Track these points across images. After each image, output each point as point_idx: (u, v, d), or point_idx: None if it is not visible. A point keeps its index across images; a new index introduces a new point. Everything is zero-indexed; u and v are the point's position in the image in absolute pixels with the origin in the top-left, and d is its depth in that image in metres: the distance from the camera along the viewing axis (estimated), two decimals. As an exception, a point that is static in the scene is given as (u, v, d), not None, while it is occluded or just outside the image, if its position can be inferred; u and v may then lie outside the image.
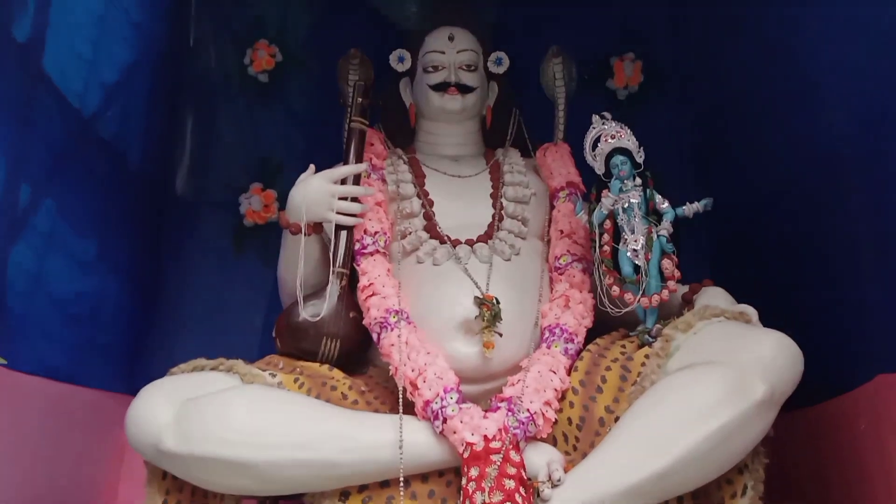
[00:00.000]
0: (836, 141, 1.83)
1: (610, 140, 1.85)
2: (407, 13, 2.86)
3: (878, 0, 1.60)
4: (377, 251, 1.91)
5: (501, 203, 2.05)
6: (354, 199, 1.93)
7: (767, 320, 1.67)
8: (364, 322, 1.81)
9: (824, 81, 1.84)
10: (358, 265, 1.89)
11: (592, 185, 1.91)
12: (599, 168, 1.86)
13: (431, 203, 2.04)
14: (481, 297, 1.74)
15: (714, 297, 1.79)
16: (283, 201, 2.50)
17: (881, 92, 1.63)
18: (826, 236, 1.90)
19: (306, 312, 1.79)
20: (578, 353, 1.75)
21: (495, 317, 1.71)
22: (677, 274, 1.73)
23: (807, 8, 1.89)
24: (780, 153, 2.10)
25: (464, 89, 2.21)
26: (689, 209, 1.79)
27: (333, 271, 1.85)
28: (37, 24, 1.91)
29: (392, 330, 1.73)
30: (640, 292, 1.72)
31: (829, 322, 1.87)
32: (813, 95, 1.90)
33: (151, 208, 2.63)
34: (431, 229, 1.98)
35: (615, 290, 1.74)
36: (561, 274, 1.92)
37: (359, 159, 2.00)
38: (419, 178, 2.10)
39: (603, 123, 1.89)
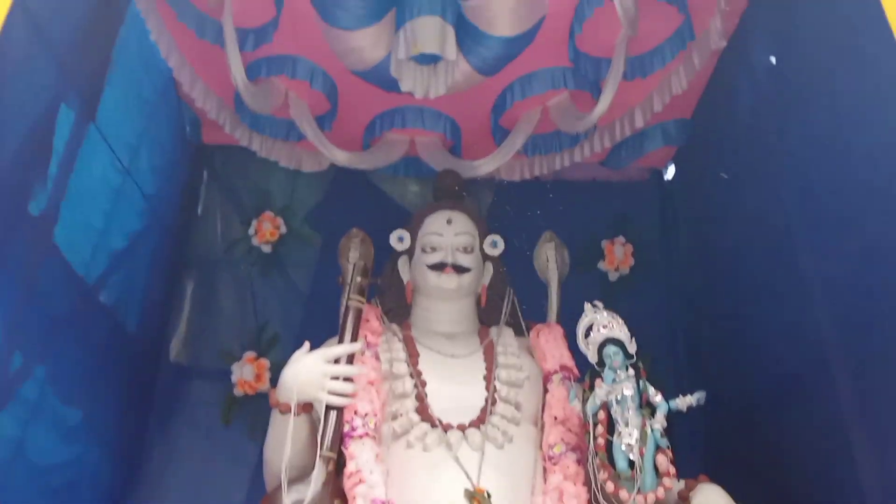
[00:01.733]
0: (826, 336, 1.84)
1: (602, 330, 1.86)
2: (409, 193, 2.98)
3: (863, 207, 1.66)
4: (366, 434, 1.86)
5: (495, 386, 2.02)
6: (347, 379, 1.90)
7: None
8: (349, 512, 1.73)
9: (812, 281, 1.88)
10: (346, 449, 1.83)
11: (586, 370, 1.90)
12: (592, 357, 1.86)
13: (424, 384, 2.01)
14: (472, 490, 1.68)
15: (710, 495, 1.73)
16: (275, 371, 2.48)
17: (868, 294, 1.66)
18: (822, 433, 1.86)
19: (290, 499, 1.71)
20: (572, 552, 1.66)
21: (486, 512, 1.63)
22: (672, 470, 1.69)
23: (795, 211, 1.96)
24: (771, 345, 2.11)
25: (460, 270, 2.25)
26: (683, 402, 1.77)
27: (320, 455, 1.78)
28: (53, 198, 1.97)
29: (378, 523, 1.65)
30: (636, 489, 1.66)
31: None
32: (801, 291, 1.93)
33: (143, 374, 2.59)
34: (423, 411, 1.94)
35: (610, 486, 1.68)
36: (555, 464, 1.86)
37: (354, 338, 1.99)
38: (413, 357, 2.08)
39: (595, 312, 1.92)
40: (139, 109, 2.42)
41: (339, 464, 1.83)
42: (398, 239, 2.36)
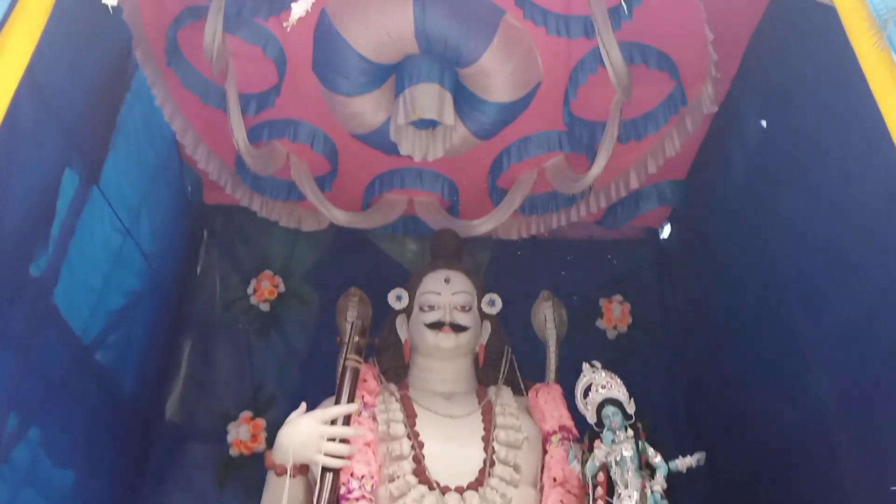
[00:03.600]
0: (825, 398, 1.84)
1: (601, 390, 1.87)
2: (407, 252, 3.01)
3: (859, 269, 1.68)
4: (363, 496, 1.84)
5: (493, 447, 2.01)
6: (343, 440, 1.89)
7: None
8: (344, 579, 1.70)
9: (811, 342, 1.89)
10: (342, 512, 1.81)
11: (585, 432, 1.90)
12: (591, 418, 1.86)
13: (421, 445, 2.00)
14: (470, 554, 1.66)
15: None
16: (271, 432, 2.46)
17: (867, 356, 1.67)
18: (823, 496, 1.85)
19: (285, 563, 1.69)
20: None
21: (485, 578, 1.61)
22: (673, 531, 1.67)
23: (791, 271, 1.99)
24: (771, 406, 2.11)
25: (458, 328, 2.26)
26: (682, 463, 1.76)
27: (316, 517, 1.76)
28: (54, 259, 1.99)
29: (373, 590, 1.62)
30: (636, 552, 1.64)
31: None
32: (799, 352, 1.94)
33: (138, 434, 2.57)
34: (420, 473, 1.93)
35: (610, 549, 1.66)
36: (554, 527, 1.84)
37: (351, 398, 1.99)
38: (410, 418, 2.08)
39: (593, 372, 1.92)
40: (142, 172, 2.47)
41: (336, 528, 1.81)
42: (396, 298, 2.37)
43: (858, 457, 1.71)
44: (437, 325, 2.26)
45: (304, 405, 1.96)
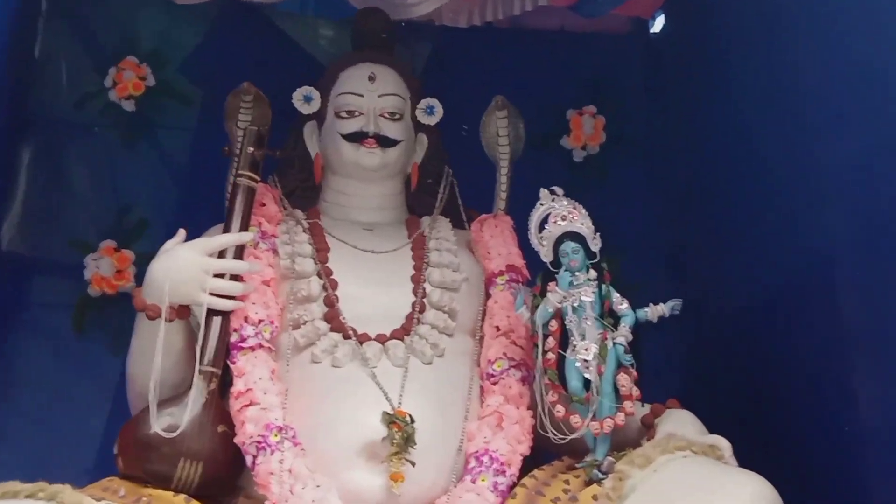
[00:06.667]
0: (835, 241, 1.91)
1: (560, 222, 1.89)
2: (320, 40, 2.92)
3: (877, 102, 1.70)
4: (260, 345, 1.89)
5: (424, 289, 2.07)
6: (234, 277, 1.92)
7: (744, 455, 1.71)
8: (236, 440, 1.78)
9: (825, 171, 1.93)
10: (233, 363, 1.87)
11: (538, 273, 1.95)
12: (546, 255, 1.90)
13: (335, 285, 2.04)
14: (391, 413, 1.75)
15: (680, 423, 1.82)
16: (141, 266, 2.48)
17: (889, 191, 1.72)
18: (817, 350, 1.96)
19: (160, 424, 1.74)
20: (511, 488, 1.76)
21: (408, 440, 1.71)
22: (636, 392, 1.77)
23: (811, 80, 1.99)
24: (765, 247, 2.18)
25: (385, 142, 2.25)
26: (653, 312, 1.84)
27: (199, 370, 1.82)
28: None
29: (272, 453, 1.71)
30: (590, 415, 1.74)
31: (816, 457, 1.92)
32: (810, 182, 1.99)
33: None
34: (333, 319, 1.98)
35: (559, 410, 1.76)
36: (494, 383, 1.95)
37: (245, 224, 1.99)
38: (321, 252, 2.11)
39: (553, 200, 1.95)
40: None
41: (225, 382, 1.87)
42: (304, 99, 2.33)
43: (867, 307, 1.78)
44: (357, 137, 2.25)
45: (182, 232, 1.96)
